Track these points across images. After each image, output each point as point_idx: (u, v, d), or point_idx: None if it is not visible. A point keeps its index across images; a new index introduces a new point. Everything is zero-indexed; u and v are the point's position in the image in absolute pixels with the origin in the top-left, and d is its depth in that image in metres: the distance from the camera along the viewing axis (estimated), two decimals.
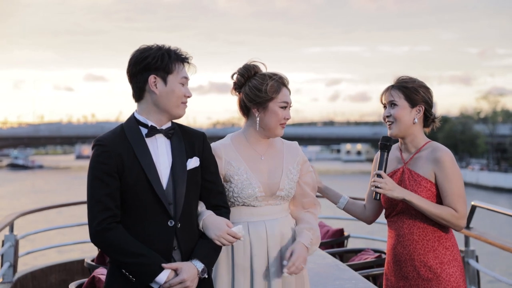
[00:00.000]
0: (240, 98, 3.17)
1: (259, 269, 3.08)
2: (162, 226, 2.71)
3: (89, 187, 2.69)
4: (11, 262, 5.79)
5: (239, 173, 3.09)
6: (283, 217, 3.17)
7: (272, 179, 3.12)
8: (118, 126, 2.81)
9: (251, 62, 3.17)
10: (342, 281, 4.02)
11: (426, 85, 3.26)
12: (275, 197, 3.13)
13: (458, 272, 3.19)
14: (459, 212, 3.13)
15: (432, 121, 3.28)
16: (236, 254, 3.08)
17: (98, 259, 5.01)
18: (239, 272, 3.07)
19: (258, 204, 3.11)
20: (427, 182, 3.17)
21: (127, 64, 2.79)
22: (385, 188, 3.12)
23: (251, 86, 3.11)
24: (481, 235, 4.99)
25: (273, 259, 3.09)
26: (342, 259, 5.59)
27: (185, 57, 2.80)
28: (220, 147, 3.13)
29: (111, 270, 2.76)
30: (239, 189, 3.07)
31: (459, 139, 69.66)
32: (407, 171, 3.23)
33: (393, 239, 3.27)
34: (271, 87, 3.08)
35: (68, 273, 6.55)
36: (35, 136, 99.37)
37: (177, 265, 2.67)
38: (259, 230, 3.09)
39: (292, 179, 3.17)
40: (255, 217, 3.10)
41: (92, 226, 2.66)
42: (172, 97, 2.76)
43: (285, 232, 3.14)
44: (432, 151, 3.18)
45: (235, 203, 3.10)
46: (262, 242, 3.09)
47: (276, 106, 3.10)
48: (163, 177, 2.73)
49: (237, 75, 3.17)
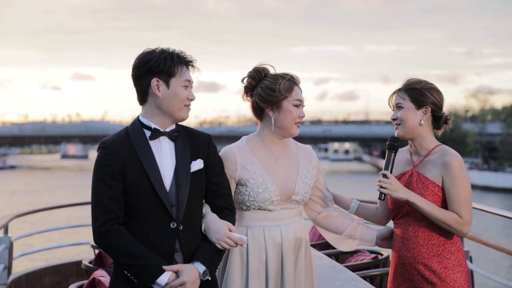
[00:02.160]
0: (253, 100, 3.19)
1: (274, 274, 3.10)
2: (164, 228, 2.72)
3: (93, 189, 2.71)
4: (5, 264, 5.77)
5: (254, 177, 3.10)
6: (297, 221, 3.20)
7: (287, 183, 3.15)
8: (123, 128, 2.83)
9: (260, 65, 3.20)
10: (341, 282, 4.04)
11: (434, 86, 3.24)
12: (290, 201, 3.16)
13: (463, 277, 3.16)
14: (463, 218, 3.10)
15: (444, 122, 3.26)
16: (251, 259, 3.09)
17: (96, 261, 5.00)
18: (253, 277, 3.08)
19: (274, 208, 3.13)
20: (434, 186, 3.15)
21: (131, 68, 2.81)
22: (389, 188, 3.11)
23: (264, 87, 3.14)
24: (476, 236, 5.02)
25: (287, 263, 3.11)
26: (338, 259, 5.59)
27: (188, 60, 2.82)
28: (235, 150, 3.15)
29: (114, 271, 2.78)
30: (255, 193, 3.09)
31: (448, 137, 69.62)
32: (415, 174, 3.22)
33: (398, 242, 3.27)
34: (284, 86, 3.12)
35: (63, 275, 6.54)
36: (19, 135, 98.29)
37: (178, 267, 2.68)
38: (274, 235, 3.11)
39: (307, 183, 3.21)
40: (270, 222, 3.13)
41: (95, 228, 2.69)
42: (175, 100, 2.77)
43: (299, 236, 3.17)
44: (441, 155, 3.16)
45: (251, 207, 3.11)
46: (277, 246, 3.11)
47: (290, 105, 3.13)
48: (167, 180, 2.75)
49: (248, 78, 3.20)
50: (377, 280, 4.83)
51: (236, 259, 3.10)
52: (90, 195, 2.75)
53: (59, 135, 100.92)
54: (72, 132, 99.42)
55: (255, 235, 3.10)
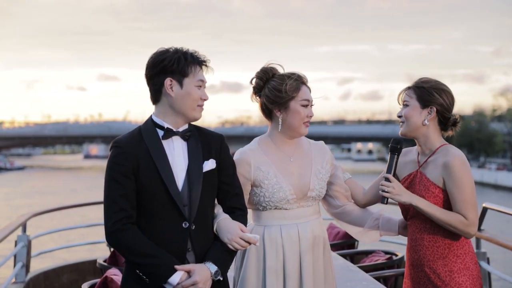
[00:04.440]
0: (261, 101, 3.19)
1: (292, 272, 3.09)
2: (176, 227, 2.72)
3: (106, 187, 2.73)
4: (23, 262, 5.83)
5: (268, 177, 3.10)
6: (315, 219, 3.19)
7: (302, 180, 3.13)
8: (136, 128, 2.85)
9: (268, 65, 3.18)
10: (353, 283, 4.03)
11: (444, 88, 3.17)
12: (306, 198, 3.15)
13: (470, 281, 3.10)
14: (469, 219, 3.03)
15: (452, 124, 3.20)
16: (268, 258, 3.09)
17: (110, 259, 5.04)
18: (271, 275, 3.08)
19: (290, 207, 3.12)
20: (435, 188, 3.10)
21: (145, 67, 2.82)
22: (392, 192, 3.07)
23: (271, 88, 3.13)
24: (493, 237, 4.97)
25: (305, 262, 3.10)
26: (352, 260, 5.58)
27: (202, 60, 2.82)
28: (248, 152, 3.15)
29: (126, 270, 2.79)
30: (270, 193, 3.09)
31: (476, 137, 68.34)
32: (419, 174, 3.18)
33: (408, 243, 3.24)
34: (291, 86, 3.10)
35: (80, 273, 6.59)
36: (41, 135, 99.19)
37: (190, 267, 2.69)
38: (291, 233, 3.11)
39: (322, 178, 3.19)
40: (287, 220, 3.12)
41: (107, 226, 2.70)
42: (188, 100, 2.78)
43: (317, 234, 3.16)
44: (443, 156, 3.11)
45: (268, 207, 3.11)
46: (295, 245, 3.10)
47: (298, 105, 3.11)
48: (179, 179, 2.75)
49: (256, 79, 3.19)
50: (391, 281, 4.81)
51: (252, 257, 3.10)
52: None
53: (81, 135, 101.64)
54: (94, 132, 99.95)
55: (272, 233, 3.10)
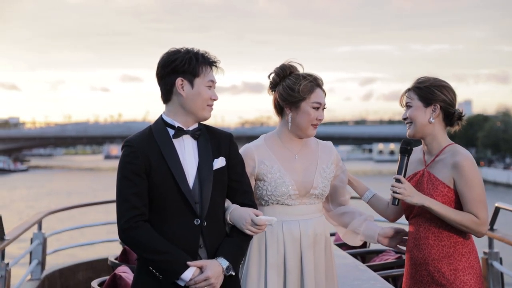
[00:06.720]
0: (275, 97, 3.22)
1: (292, 268, 3.12)
2: (188, 224, 2.77)
3: (118, 186, 2.78)
4: (39, 260, 5.91)
5: (272, 171, 3.13)
6: (317, 217, 3.21)
7: (305, 177, 3.15)
8: (147, 127, 2.90)
9: (288, 62, 3.21)
10: (360, 282, 4.02)
11: (444, 84, 3.18)
12: (309, 196, 3.17)
13: (474, 280, 3.11)
14: (480, 219, 3.05)
15: (457, 119, 3.20)
16: (270, 253, 3.12)
17: (121, 257, 5.08)
18: (272, 270, 3.11)
19: (292, 203, 3.14)
20: (444, 187, 3.11)
21: (156, 66, 2.87)
22: (403, 193, 3.07)
23: (285, 86, 3.16)
24: (505, 237, 4.94)
25: (306, 258, 3.13)
26: (364, 259, 5.58)
27: (213, 61, 2.86)
28: (253, 148, 3.19)
29: (139, 267, 2.84)
30: (272, 187, 3.12)
31: (502, 138, 67.21)
32: (426, 174, 3.18)
33: (411, 242, 3.24)
34: (304, 87, 3.12)
35: (95, 271, 6.66)
36: (62, 136, 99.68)
37: (202, 263, 2.73)
38: (292, 230, 3.13)
39: (326, 177, 3.21)
40: (289, 217, 3.14)
41: (120, 224, 2.75)
42: (198, 99, 2.83)
43: (318, 232, 3.17)
44: (451, 156, 3.11)
45: (269, 202, 3.14)
46: (296, 241, 3.12)
47: (308, 106, 3.13)
48: (190, 177, 2.80)
49: (273, 74, 3.23)
50: (401, 281, 4.78)
51: (254, 253, 3.13)
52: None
53: (101, 135, 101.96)
54: (114, 133, 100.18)
55: (273, 229, 3.12)
